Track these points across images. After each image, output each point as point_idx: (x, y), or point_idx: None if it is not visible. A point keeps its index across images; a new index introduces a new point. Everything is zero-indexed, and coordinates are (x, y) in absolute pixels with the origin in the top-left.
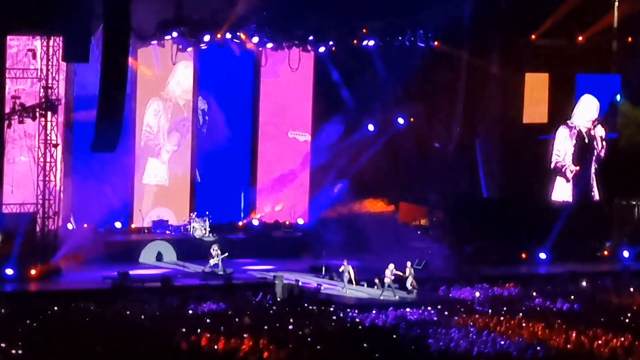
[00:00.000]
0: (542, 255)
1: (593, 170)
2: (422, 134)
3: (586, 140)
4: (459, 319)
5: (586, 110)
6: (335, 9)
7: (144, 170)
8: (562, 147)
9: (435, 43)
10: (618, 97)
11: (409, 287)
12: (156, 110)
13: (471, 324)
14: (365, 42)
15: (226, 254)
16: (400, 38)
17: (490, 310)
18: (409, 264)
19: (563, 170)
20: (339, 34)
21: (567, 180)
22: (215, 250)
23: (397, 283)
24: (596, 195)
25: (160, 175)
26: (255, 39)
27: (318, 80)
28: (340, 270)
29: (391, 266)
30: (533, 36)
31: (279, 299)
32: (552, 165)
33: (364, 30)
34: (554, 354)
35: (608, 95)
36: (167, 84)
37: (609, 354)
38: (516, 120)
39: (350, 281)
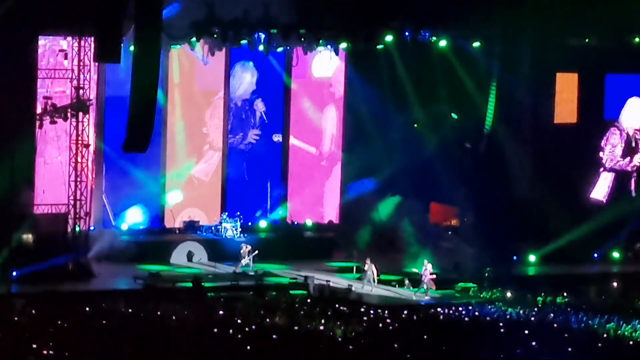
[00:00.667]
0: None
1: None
2: (453, 134)
3: (633, 144)
4: None
5: (633, 112)
6: (361, 9)
7: (179, 169)
8: (612, 147)
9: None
10: None
11: (426, 286)
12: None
13: None
14: (394, 41)
15: (256, 252)
16: (434, 39)
17: None
18: (425, 261)
19: (613, 166)
20: (368, 33)
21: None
22: (245, 250)
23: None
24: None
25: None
26: (287, 40)
27: (349, 80)
28: (365, 269)
29: (428, 265)
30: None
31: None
32: (603, 164)
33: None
34: None
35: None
36: (198, 83)
37: None
38: (548, 120)
39: (373, 280)
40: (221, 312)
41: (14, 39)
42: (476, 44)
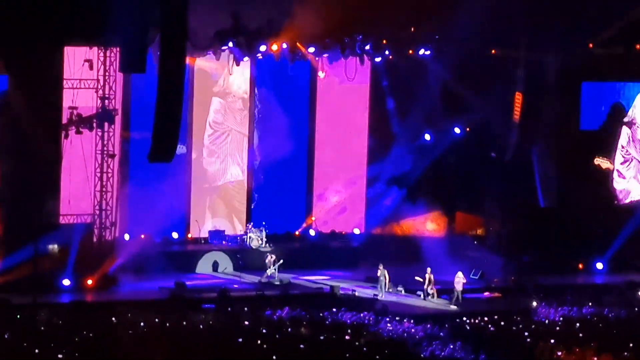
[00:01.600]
0: (599, 266)
1: None
2: (478, 143)
3: None
4: None
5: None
6: (392, 19)
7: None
8: (626, 144)
9: (492, 51)
10: None
11: (430, 292)
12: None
13: None
14: (421, 52)
15: (281, 261)
16: (452, 47)
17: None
18: (429, 270)
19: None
20: (394, 43)
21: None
22: (270, 260)
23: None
24: None
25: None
26: (312, 49)
27: (374, 89)
28: (378, 275)
29: (460, 274)
30: (590, 45)
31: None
32: (621, 163)
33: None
34: None
35: None
36: (222, 94)
37: None
38: (573, 128)
39: (385, 285)
40: (246, 322)
41: (40, 49)
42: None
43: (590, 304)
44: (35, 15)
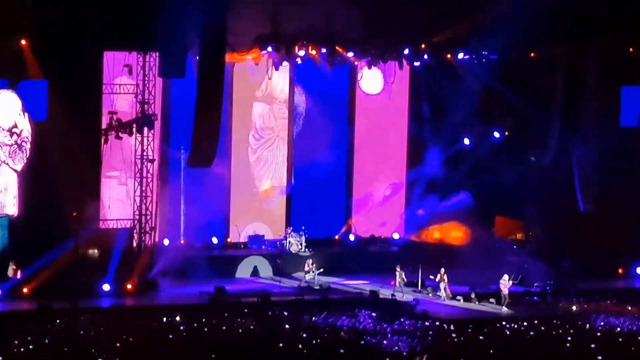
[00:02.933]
0: None
1: None
2: (517, 147)
3: None
4: None
5: None
6: (427, 23)
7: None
8: None
9: (531, 54)
10: None
11: (443, 294)
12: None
13: None
14: (460, 56)
15: (321, 269)
16: (488, 52)
17: None
18: (442, 270)
19: None
20: (433, 48)
21: None
22: (309, 265)
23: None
24: None
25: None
26: (351, 54)
27: (413, 94)
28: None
29: (505, 277)
30: (631, 49)
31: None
32: None
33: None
34: None
35: None
36: (261, 98)
37: None
38: (613, 130)
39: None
40: (287, 327)
41: (80, 55)
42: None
43: (629, 307)
44: (76, 21)
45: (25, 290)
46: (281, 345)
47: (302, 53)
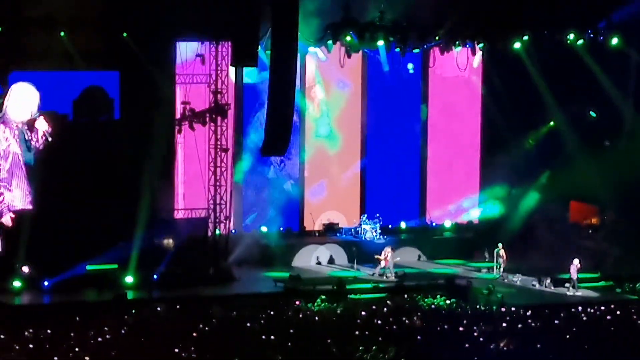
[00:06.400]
0: None
1: None
2: (591, 130)
3: None
4: None
5: None
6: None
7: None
8: None
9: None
10: None
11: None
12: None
13: None
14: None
15: (398, 258)
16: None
17: None
18: (575, 260)
19: None
20: (502, 34)
21: None
22: (386, 253)
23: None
24: None
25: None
26: (422, 41)
27: (486, 80)
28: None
29: (576, 261)
30: None
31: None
32: None
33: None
34: None
35: None
36: (330, 87)
37: None
38: None
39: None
40: (363, 313)
41: (153, 45)
42: (615, 41)
43: None
44: (148, 11)
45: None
46: (357, 333)
47: (374, 41)
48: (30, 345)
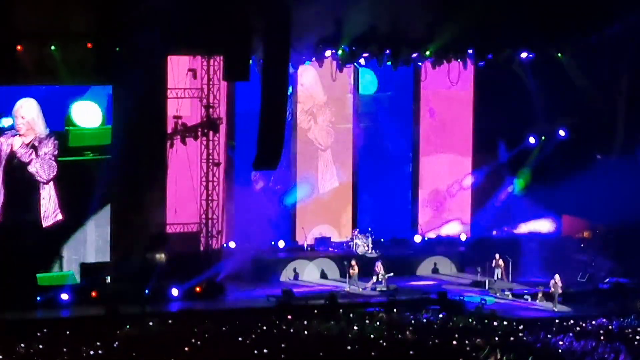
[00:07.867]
0: None
1: None
2: (583, 145)
3: None
4: None
5: None
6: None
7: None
8: None
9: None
10: None
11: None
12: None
13: None
14: (524, 55)
15: (391, 273)
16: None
17: None
18: (556, 275)
19: None
20: (497, 47)
21: None
22: (379, 267)
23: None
24: None
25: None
26: (414, 54)
27: (478, 94)
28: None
29: (557, 277)
30: None
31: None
32: None
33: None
34: None
35: None
36: (325, 99)
37: None
38: None
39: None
40: (355, 327)
41: (145, 59)
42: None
43: None
44: (140, 26)
45: (93, 294)
46: (349, 348)
47: (366, 54)
48: None
